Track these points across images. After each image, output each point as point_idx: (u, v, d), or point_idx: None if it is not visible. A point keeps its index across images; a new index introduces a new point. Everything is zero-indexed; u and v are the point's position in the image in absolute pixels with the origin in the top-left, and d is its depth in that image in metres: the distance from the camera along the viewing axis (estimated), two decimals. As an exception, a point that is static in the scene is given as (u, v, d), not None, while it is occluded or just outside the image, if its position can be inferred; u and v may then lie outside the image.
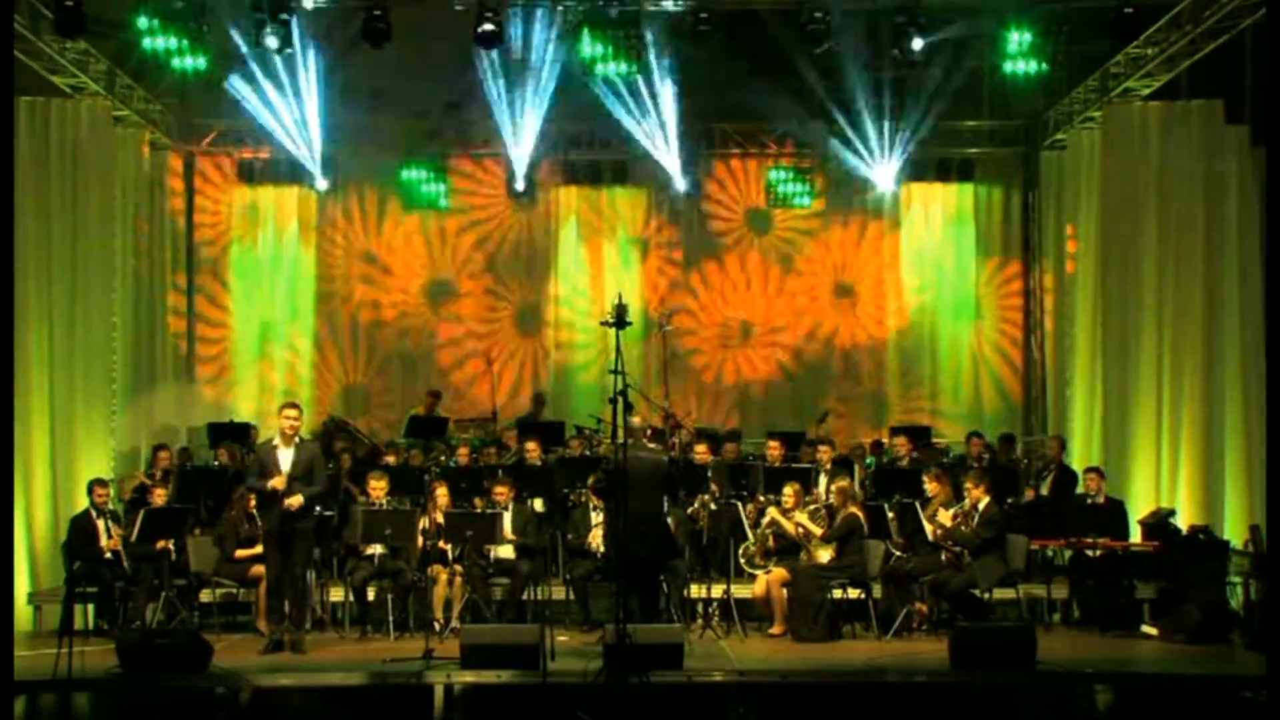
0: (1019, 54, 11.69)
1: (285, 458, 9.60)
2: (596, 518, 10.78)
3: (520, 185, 15.18)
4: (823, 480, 11.51)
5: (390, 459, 12.41)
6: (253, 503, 10.85)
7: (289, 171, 15.02)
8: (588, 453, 12.76)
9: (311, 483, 9.66)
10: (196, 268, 15.34)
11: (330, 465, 11.49)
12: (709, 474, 11.44)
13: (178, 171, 15.11)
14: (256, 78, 13.38)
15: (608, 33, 11.64)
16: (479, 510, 10.98)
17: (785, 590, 10.36)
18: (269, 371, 15.31)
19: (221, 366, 15.27)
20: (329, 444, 12.39)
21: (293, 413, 9.77)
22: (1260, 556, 10.33)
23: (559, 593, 10.79)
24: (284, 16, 11.29)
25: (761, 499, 11.19)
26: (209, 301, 15.38)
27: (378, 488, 10.82)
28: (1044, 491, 11.87)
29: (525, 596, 10.53)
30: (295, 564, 9.70)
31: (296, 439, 9.72)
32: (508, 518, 10.79)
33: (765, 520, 10.92)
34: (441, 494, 10.85)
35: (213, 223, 15.43)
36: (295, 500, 9.45)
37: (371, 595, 10.66)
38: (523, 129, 14.37)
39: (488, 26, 11.56)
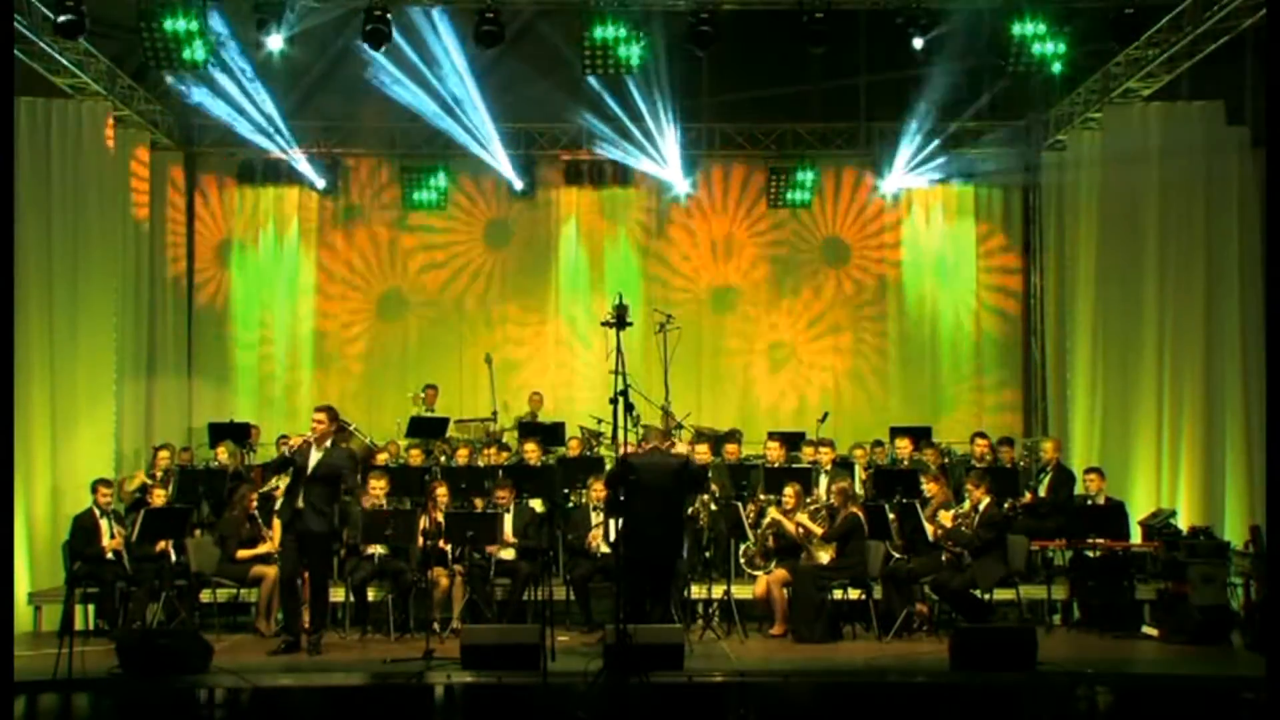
0: (1037, 38, 11.63)
1: (314, 460, 9.67)
2: (596, 518, 10.78)
3: (521, 186, 15.19)
4: (823, 481, 11.53)
5: (382, 457, 12.38)
6: (254, 503, 10.87)
7: (289, 172, 15.02)
8: (588, 453, 12.76)
9: (332, 484, 9.73)
10: (196, 268, 15.34)
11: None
12: (709, 474, 11.43)
13: (177, 172, 15.10)
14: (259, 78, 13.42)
15: (609, 32, 11.62)
16: (479, 510, 10.99)
17: (785, 591, 10.37)
18: (269, 371, 15.32)
19: (221, 366, 15.26)
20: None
21: (319, 415, 9.84)
22: (1260, 557, 10.33)
23: (559, 593, 10.77)
24: (285, 16, 11.28)
25: (762, 499, 11.19)
26: (209, 302, 15.37)
27: (378, 488, 10.84)
28: (1041, 493, 11.87)
29: (525, 597, 10.53)
30: (315, 567, 9.72)
31: (328, 441, 9.76)
32: (508, 519, 10.79)
33: (766, 520, 10.93)
34: (442, 494, 10.86)
35: (213, 223, 15.43)
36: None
37: (372, 595, 10.67)
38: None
39: (488, 27, 11.59)
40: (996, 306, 15.65)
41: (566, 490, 11.73)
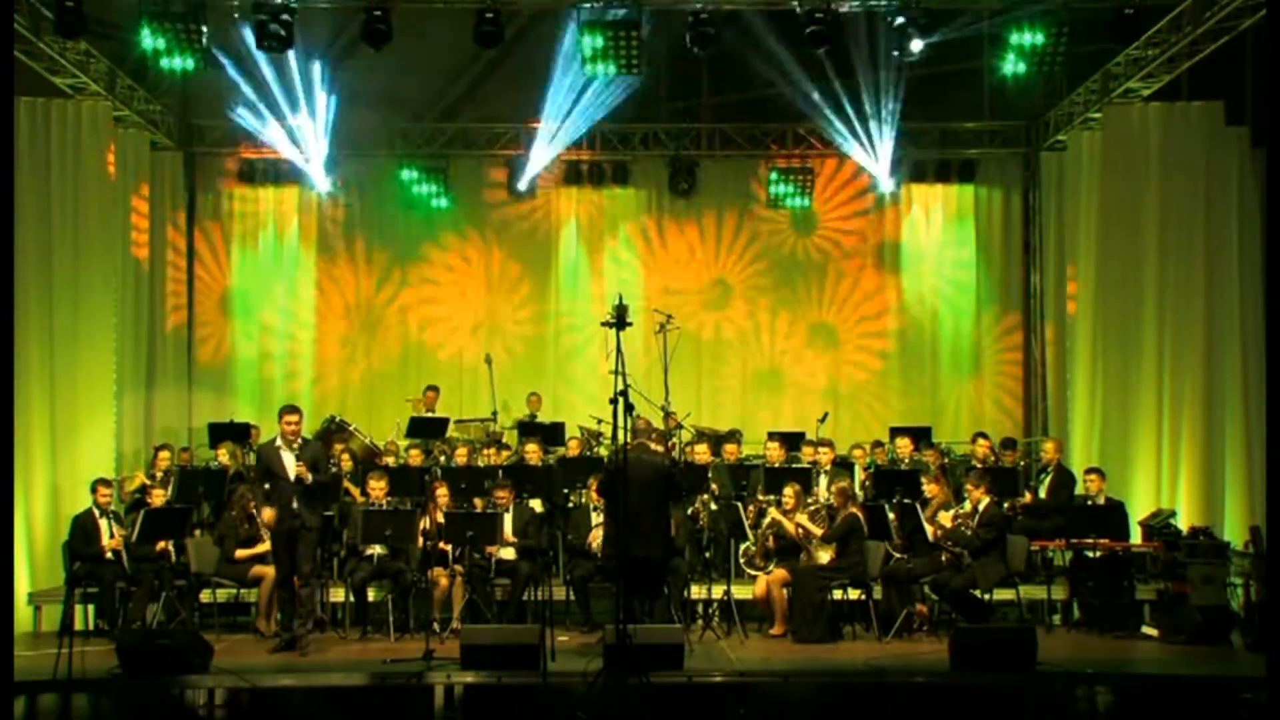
0: (1020, 55, 11.67)
1: (289, 460, 9.64)
2: (596, 518, 10.78)
3: (522, 185, 15.20)
4: (823, 481, 11.53)
5: (389, 460, 12.42)
6: (253, 503, 10.86)
7: (289, 172, 15.01)
8: (587, 453, 12.76)
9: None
10: (196, 268, 15.34)
11: (332, 466, 11.52)
12: (709, 474, 11.44)
13: (178, 172, 15.10)
14: (257, 79, 13.42)
15: (607, 33, 11.62)
16: (479, 510, 10.99)
17: (785, 591, 10.37)
18: (269, 371, 15.32)
19: (221, 366, 15.27)
20: (328, 445, 12.39)
21: (293, 417, 9.83)
22: (1260, 557, 10.33)
23: (559, 593, 10.77)
24: (285, 17, 11.27)
25: (762, 499, 11.18)
26: (209, 301, 15.38)
27: (378, 488, 10.84)
28: (1042, 494, 11.87)
29: (525, 597, 10.53)
30: (302, 559, 9.70)
31: (299, 441, 9.75)
32: (508, 519, 10.80)
33: (766, 521, 10.92)
34: (442, 494, 10.86)
35: (213, 223, 15.43)
36: (303, 470, 9.53)
37: (372, 596, 10.67)
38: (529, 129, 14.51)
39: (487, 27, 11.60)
40: (996, 306, 15.65)
41: (566, 490, 11.73)
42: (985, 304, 15.63)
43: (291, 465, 9.63)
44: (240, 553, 10.69)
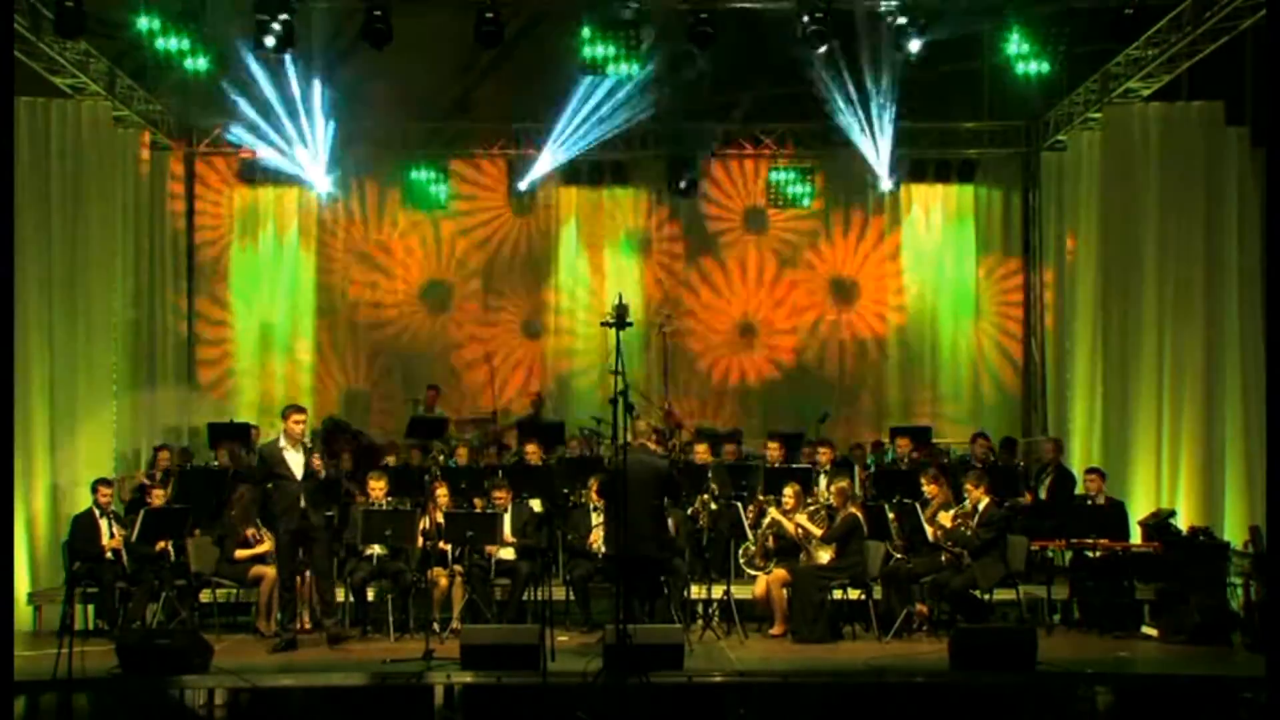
0: (1019, 55, 11.68)
1: (295, 460, 9.64)
2: (596, 518, 10.77)
3: (523, 185, 15.20)
4: (823, 481, 11.52)
5: (390, 460, 12.41)
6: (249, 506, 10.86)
7: (289, 172, 15.00)
8: (587, 453, 12.76)
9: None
10: (196, 268, 15.36)
11: (332, 466, 11.53)
12: (709, 474, 11.43)
13: (178, 172, 15.11)
14: (257, 81, 13.42)
15: (608, 33, 11.63)
16: (479, 510, 10.99)
17: (785, 591, 10.36)
18: (269, 371, 15.32)
19: (221, 366, 15.29)
20: (329, 445, 12.41)
21: (300, 416, 9.87)
22: (1260, 557, 10.33)
23: (559, 593, 10.76)
24: (284, 17, 11.26)
25: (762, 500, 11.18)
26: (209, 301, 15.40)
27: (377, 488, 10.83)
28: (1042, 494, 11.86)
29: (525, 597, 10.52)
30: (319, 558, 9.75)
31: (304, 442, 9.76)
32: (507, 520, 10.80)
33: (766, 521, 10.91)
34: (442, 494, 10.85)
35: (213, 223, 15.44)
36: (319, 464, 9.63)
37: (371, 595, 10.67)
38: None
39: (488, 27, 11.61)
40: (996, 306, 15.65)
41: (566, 490, 11.73)
42: (984, 303, 15.62)
43: (298, 465, 9.64)
44: (240, 553, 10.69)
